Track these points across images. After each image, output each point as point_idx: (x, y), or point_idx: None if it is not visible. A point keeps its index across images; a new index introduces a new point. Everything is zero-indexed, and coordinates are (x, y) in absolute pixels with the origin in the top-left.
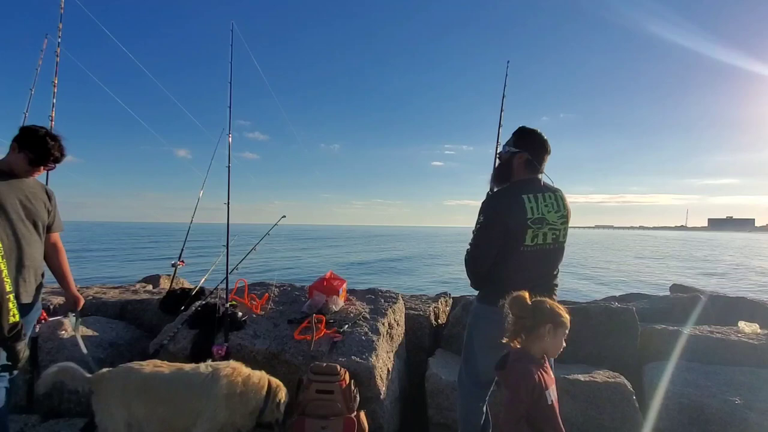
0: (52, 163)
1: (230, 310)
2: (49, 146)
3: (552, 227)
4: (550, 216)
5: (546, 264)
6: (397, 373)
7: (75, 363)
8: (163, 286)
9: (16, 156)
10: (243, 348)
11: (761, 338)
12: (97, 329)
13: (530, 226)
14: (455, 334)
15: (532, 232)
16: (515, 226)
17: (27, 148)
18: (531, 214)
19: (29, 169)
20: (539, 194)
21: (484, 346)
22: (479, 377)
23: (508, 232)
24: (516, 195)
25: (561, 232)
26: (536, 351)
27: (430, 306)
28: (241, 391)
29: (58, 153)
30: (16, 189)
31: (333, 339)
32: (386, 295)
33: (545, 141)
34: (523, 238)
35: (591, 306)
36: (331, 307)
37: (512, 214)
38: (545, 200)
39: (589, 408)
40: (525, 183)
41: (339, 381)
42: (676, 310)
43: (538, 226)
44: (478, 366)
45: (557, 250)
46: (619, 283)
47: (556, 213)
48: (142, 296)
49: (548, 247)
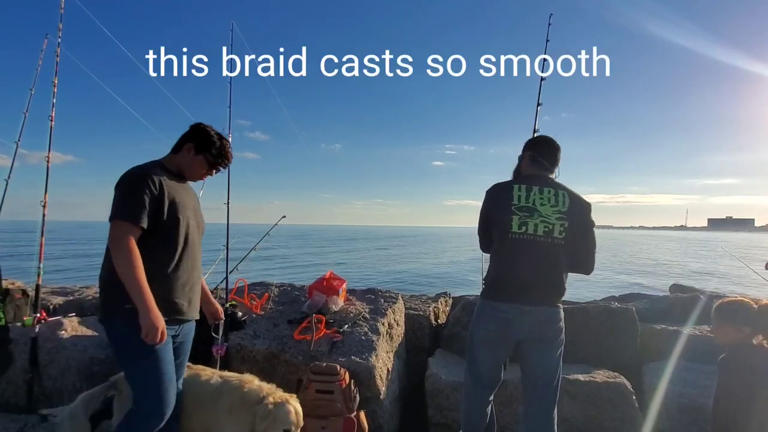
0: (223, 167)
1: (230, 309)
2: (228, 149)
3: (544, 220)
4: (543, 209)
5: (540, 259)
6: (397, 373)
7: (75, 363)
8: None
9: (193, 158)
10: (243, 348)
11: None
12: (97, 329)
13: (515, 212)
14: (455, 334)
15: (518, 219)
16: (498, 211)
17: (206, 151)
18: (517, 201)
19: (204, 173)
20: (536, 187)
21: (484, 342)
22: (480, 374)
23: (491, 217)
24: (508, 185)
25: (555, 227)
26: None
27: (430, 306)
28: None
29: (231, 156)
30: (192, 196)
31: (333, 339)
32: (386, 295)
33: (549, 139)
34: (509, 225)
35: (591, 306)
36: (330, 307)
37: (496, 201)
38: (542, 193)
39: (589, 408)
40: (527, 177)
41: (339, 381)
42: (676, 310)
43: (526, 214)
44: (478, 362)
45: (552, 245)
46: (619, 283)
47: (552, 207)
48: None
49: (539, 240)
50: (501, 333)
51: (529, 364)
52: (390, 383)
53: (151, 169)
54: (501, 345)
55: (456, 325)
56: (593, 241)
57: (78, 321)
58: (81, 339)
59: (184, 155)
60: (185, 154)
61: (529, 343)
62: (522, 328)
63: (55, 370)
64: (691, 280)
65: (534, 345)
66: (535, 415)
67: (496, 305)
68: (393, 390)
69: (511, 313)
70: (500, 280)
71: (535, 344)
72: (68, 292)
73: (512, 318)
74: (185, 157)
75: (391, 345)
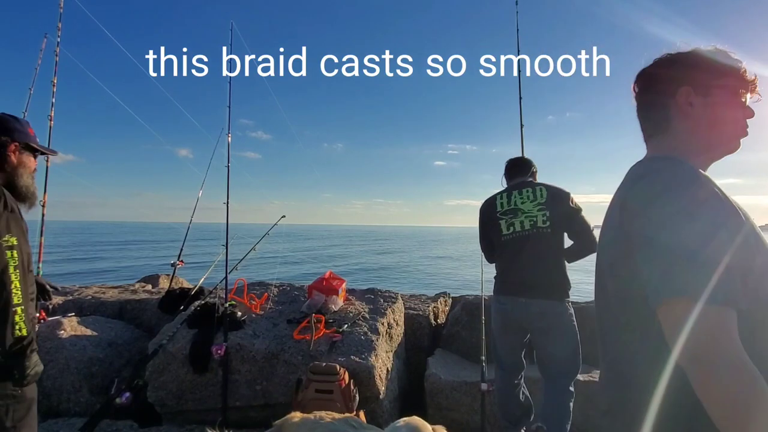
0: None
1: (229, 309)
2: None
3: (528, 215)
4: (525, 206)
5: (530, 249)
6: (397, 372)
7: (74, 363)
8: (162, 285)
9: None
10: (242, 348)
11: None
12: (96, 329)
13: (500, 217)
14: (454, 334)
15: (505, 222)
16: (489, 221)
17: None
18: (500, 207)
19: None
20: (515, 190)
21: (497, 330)
22: (502, 360)
23: (484, 226)
24: (492, 197)
25: (538, 218)
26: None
27: (430, 306)
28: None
29: None
30: None
31: (332, 339)
32: (385, 295)
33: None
34: (499, 229)
35: (590, 305)
36: (330, 306)
37: (486, 214)
38: (521, 194)
39: (589, 408)
40: (507, 187)
41: (338, 381)
42: None
43: (511, 216)
44: (498, 349)
45: (538, 235)
46: None
47: (532, 202)
48: (141, 296)
49: (526, 233)
50: (504, 323)
51: (537, 353)
52: (389, 383)
53: None
54: (509, 332)
55: (455, 324)
56: (585, 223)
57: (77, 321)
58: (80, 339)
59: None
60: None
61: (534, 332)
62: (519, 317)
63: (54, 369)
64: None
65: (538, 335)
66: (546, 396)
67: (499, 298)
68: (392, 390)
69: (509, 305)
70: (501, 277)
71: (539, 334)
72: (67, 292)
73: (510, 309)
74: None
75: (391, 345)
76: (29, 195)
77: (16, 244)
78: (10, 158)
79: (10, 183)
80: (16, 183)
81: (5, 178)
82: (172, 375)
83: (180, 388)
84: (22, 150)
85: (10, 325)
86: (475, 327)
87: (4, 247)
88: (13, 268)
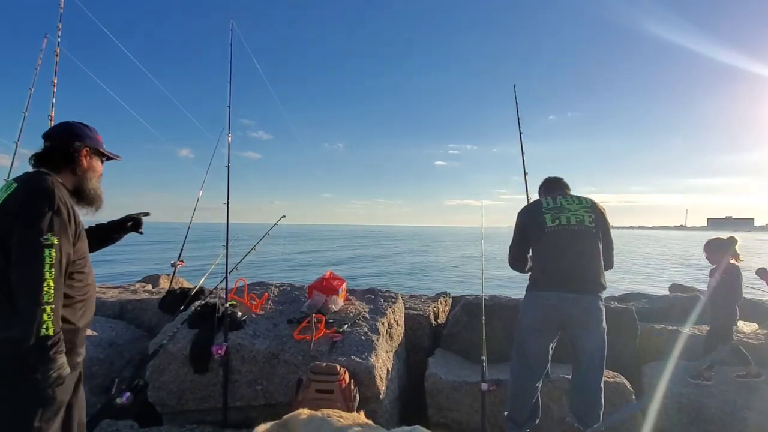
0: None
1: (230, 309)
2: None
3: (574, 213)
4: (570, 206)
5: (580, 244)
6: (397, 372)
7: None
8: (163, 285)
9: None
10: (242, 348)
11: (760, 338)
12: (96, 329)
13: (546, 212)
14: (455, 334)
15: (550, 216)
16: (533, 218)
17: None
18: (547, 205)
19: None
20: (560, 196)
21: (531, 329)
22: (529, 362)
23: (526, 226)
24: (536, 200)
25: (585, 217)
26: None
27: (430, 306)
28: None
29: None
30: None
31: (332, 339)
32: (386, 295)
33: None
34: (544, 223)
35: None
36: (330, 306)
37: (529, 212)
38: (566, 198)
39: None
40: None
41: (338, 380)
42: (676, 309)
43: (557, 212)
44: (527, 349)
45: (585, 231)
46: (618, 283)
47: (578, 204)
48: (141, 296)
49: (574, 228)
50: (545, 319)
51: (575, 347)
52: (390, 383)
53: None
54: (546, 330)
55: (455, 324)
56: (612, 241)
57: None
58: None
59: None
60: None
61: (573, 328)
62: (564, 312)
63: None
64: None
65: (579, 330)
66: (581, 387)
67: (541, 294)
68: (393, 390)
69: (555, 300)
70: (544, 272)
71: (580, 329)
72: None
73: (556, 304)
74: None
75: (391, 345)
76: (96, 198)
77: (56, 243)
78: (82, 162)
79: (79, 186)
80: (84, 186)
81: (76, 182)
82: (172, 375)
83: (180, 388)
84: (92, 155)
85: (36, 323)
86: (476, 327)
87: (43, 245)
88: (49, 266)
